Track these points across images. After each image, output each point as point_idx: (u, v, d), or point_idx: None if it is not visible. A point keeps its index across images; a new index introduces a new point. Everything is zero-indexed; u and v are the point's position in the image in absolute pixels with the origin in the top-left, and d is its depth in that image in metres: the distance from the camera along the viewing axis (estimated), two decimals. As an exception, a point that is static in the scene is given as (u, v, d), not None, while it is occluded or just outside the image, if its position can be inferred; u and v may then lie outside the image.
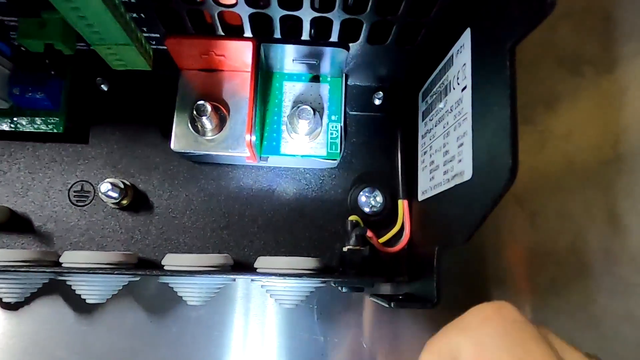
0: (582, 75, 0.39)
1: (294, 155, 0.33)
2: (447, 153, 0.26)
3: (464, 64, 0.24)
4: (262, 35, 0.29)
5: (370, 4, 0.25)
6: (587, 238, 0.37)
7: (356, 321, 0.35)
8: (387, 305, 0.27)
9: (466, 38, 0.24)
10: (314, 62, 0.32)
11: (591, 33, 0.39)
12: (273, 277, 0.29)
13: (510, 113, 0.18)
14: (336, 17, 0.27)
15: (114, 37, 0.27)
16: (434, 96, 0.29)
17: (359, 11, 0.26)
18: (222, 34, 0.29)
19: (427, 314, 0.35)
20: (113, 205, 0.33)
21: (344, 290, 0.31)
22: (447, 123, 0.26)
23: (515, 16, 0.18)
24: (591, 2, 0.39)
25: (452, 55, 0.26)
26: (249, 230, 0.34)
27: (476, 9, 0.23)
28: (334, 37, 0.29)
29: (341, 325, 0.35)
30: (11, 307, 0.33)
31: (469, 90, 0.23)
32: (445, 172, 0.26)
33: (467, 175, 0.23)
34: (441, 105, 0.27)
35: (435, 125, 0.28)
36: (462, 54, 0.24)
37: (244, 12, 0.27)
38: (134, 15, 0.27)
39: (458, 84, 0.25)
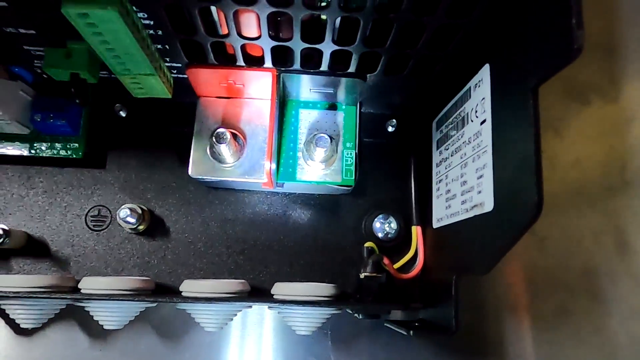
0: (589, 103, 0.40)
1: (309, 182, 0.33)
2: (465, 183, 0.26)
3: (483, 98, 0.24)
4: (281, 64, 0.30)
5: (390, 38, 0.26)
6: (596, 263, 0.37)
7: (369, 346, 0.36)
8: (405, 333, 0.27)
9: (485, 73, 0.24)
10: (331, 91, 0.32)
11: (598, 65, 0.40)
12: (291, 304, 0.29)
13: (534, 150, 0.19)
14: (356, 51, 0.27)
15: (139, 68, 0.27)
16: (450, 126, 0.30)
17: (378, 45, 0.27)
18: (243, 64, 0.30)
19: (439, 339, 0.35)
20: (130, 231, 0.33)
21: (360, 317, 0.31)
22: (465, 154, 0.27)
23: (539, 58, 0.19)
24: (598, 37, 0.40)
25: (470, 89, 0.26)
26: (264, 256, 0.34)
27: (497, 46, 0.23)
28: (351, 68, 0.29)
29: (353, 350, 0.35)
30: (24, 332, 0.33)
31: (488, 124, 0.24)
32: (463, 202, 0.27)
33: (488, 206, 0.23)
34: (458, 135, 0.28)
35: (452, 155, 0.29)
36: (480, 88, 0.25)
37: (267, 44, 0.27)
38: (159, 46, 0.28)
39: (477, 116, 0.25)
